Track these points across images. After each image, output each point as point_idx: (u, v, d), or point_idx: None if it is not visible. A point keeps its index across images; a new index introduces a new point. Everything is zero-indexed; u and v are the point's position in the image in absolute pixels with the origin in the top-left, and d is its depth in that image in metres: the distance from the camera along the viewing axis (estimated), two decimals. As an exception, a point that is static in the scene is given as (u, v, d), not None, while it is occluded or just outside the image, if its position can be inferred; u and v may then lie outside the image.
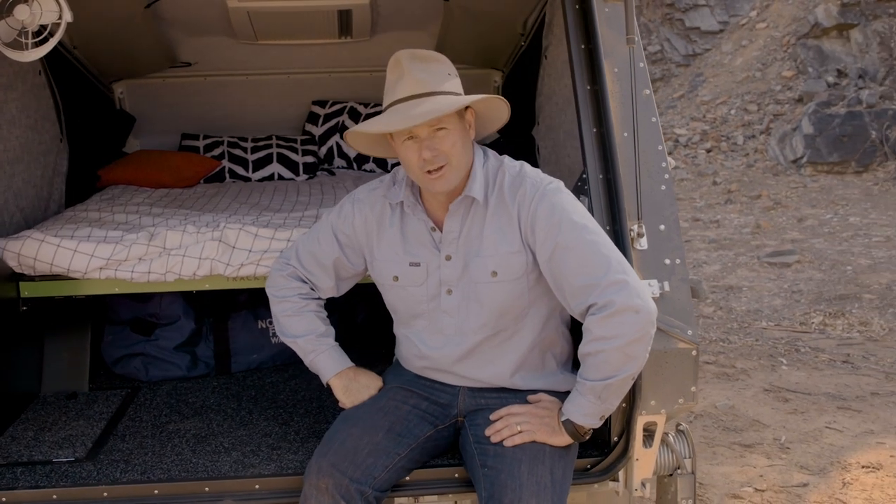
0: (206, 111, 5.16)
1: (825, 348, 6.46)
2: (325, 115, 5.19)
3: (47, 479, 2.67)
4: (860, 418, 5.00)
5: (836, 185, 12.63)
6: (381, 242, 2.69)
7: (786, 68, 15.18)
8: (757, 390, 5.49)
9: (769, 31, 16.21)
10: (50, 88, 3.88)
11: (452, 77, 2.53)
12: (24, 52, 3.06)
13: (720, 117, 15.06)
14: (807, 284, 8.45)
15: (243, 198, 4.07)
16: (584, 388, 2.45)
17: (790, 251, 9.61)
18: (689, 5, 17.22)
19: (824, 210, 11.62)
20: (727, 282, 8.71)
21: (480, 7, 4.12)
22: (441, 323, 2.63)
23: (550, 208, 2.48)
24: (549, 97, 3.65)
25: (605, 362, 2.39)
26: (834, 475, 4.29)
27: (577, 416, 2.48)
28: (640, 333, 2.37)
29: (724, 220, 11.49)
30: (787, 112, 14.39)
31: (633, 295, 2.36)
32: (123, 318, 3.67)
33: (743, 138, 14.40)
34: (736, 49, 16.49)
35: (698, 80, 16.27)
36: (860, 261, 9.10)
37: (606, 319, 2.35)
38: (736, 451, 4.60)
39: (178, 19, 4.41)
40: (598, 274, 2.39)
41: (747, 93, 15.24)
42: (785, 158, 13.41)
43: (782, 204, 12.04)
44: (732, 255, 9.77)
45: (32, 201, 3.62)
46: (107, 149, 4.79)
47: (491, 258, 2.53)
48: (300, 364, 3.72)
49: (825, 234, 10.44)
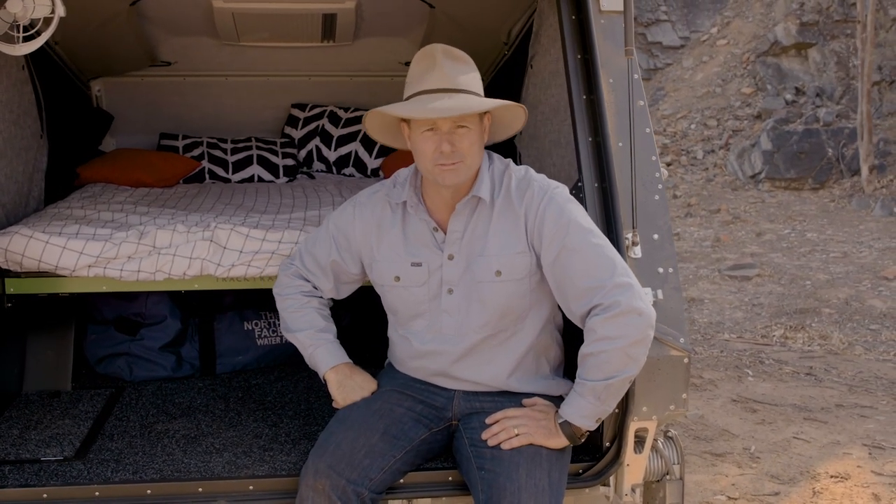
0: (184, 111, 5.12)
1: (788, 360, 6.58)
2: (304, 119, 5.17)
3: (37, 477, 2.63)
4: (826, 429, 5.10)
5: (793, 201, 12.86)
6: (382, 244, 2.70)
7: (745, 85, 15.44)
8: (725, 400, 5.57)
9: (729, 47, 16.48)
10: (32, 83, 3.83)
11: (479, 83, 2.60)
12: (15, 45, 3.02)
13: (680, 131, 15.27)
14: (767, 298, 8.59)
15: (226, 199, 4.05)
16: (583, 389, 2.48)
17: (750, 265, 9.77)
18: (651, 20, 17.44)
19: (782, 225, 11.82)
20: (689, 294, 8.83)
21: (465, 14, 4.14)
22: (441, 322, 2.65)
23: (559, 211, 2.53)
24: (534, 106, 3.68)
25: (606, 362, 2.42)
26: (804, 484, 4.37)
27: (576, 418, 2.51)
28: (643, 335, 2.42)
29: (685, 233, 11.64)
30: (746, 128, 14.64)
31: (637, 297, 2.42)
32: (107, 317, 3.63)
33: (703, 153, 14.61)
34: (697, 64, 16.74)
35: (659, 94, 16.48)
36: (818, 275, 9.28)
37: (611, 320, 2.40)
38: (707, 460, 4.66)
39: (161, 18, 4.38)
40: (603, 276, 2.44)
41: (707, 108, 15.47)
42: (744, 174, 13.63)
43: (741, 218, 12.23)
44: (693, 267, 9.91)
45: (13, 197, 3.57)
46: (83, 146, 4.73)
47: (496, 258, 2.56)
48: (285, 367, 3.75)
49: (783, 249, 10.62)
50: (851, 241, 10.75)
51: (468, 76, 2.55)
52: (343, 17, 4.35)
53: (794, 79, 14.68)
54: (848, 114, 13.66)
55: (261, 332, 3.69)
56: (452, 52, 2.57)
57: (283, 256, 3.12)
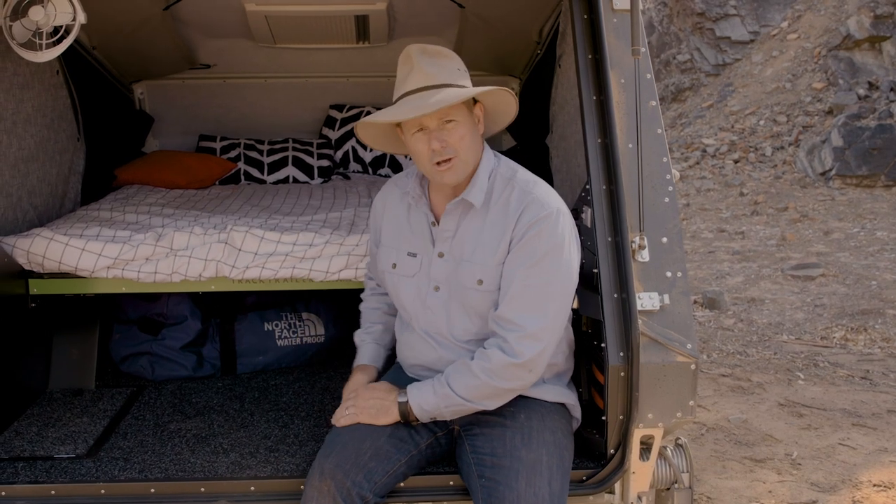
0: (223, 113, 5.21)
1: (844, 363, 6.39)
2: (342, 120, 5.21)
3: (47, 474, 2.70)
4: (875, 436, 4.94)
5: (864, 199, 12.48)
6: (389, 228, 2.76)
7: (816, 80, 15.03)
8: (771, 404, 5.44)
9: (800, 41, 16.07)
10: (67, 88, 3.93)
11: (462, 72, 2.59)
12: (38, 52, 3.10)
13: (749, 128, 14.94)
14: (830, 298, 8.35)
15: (255, 200, 4.10)
16: (442, 390, 2.53)
17: (815, 264, 9.51)
18: (720, 15, 17.10)
19: (851, 224, 11.48)
20: (749, 294, 8.63)
21: (495, 14, 4.12)
22: (427, 319, 2.66)
23: (540, 240, 2.51)
24: (562, 106, 3.65)
25: (477, 388, 2.50)
26: (844, 493, 4.24)
27: (415, 406, 2.56)
28: (520, 388, 2.55)
29: (750, 232, 11.39)
30: (817, 124, 14.25)
31: (540, 356, 2.49)
32: (131, 317, 3.70)
33: (771, 149, 14.27)
34: (766, 59, 16.36)
35: (727, 90, 16.16)
36: (885, 276, 8.99)
37: (507, 366, 2.46)
38: (746, 466, 4.55)
39: (196, 22, 4.45)
40: (528, 321, 2.47)
41: (777, 104, 15.11)
42: (813, 171, 13.28)
43: (809, 216, 11.92)
44: (756, 266, 9.68)
45: (47, 199, 3.66)
46: (125, 148, 4.84)
47: (479, 266, 2.55)
48: (305, 367, 3.78)
49: (851, 248, 10.32)
50: (922, 240, 10.40)
51: (447, 69, 2.54)
52: (375, 18, 4.36)
53: (867, 73, 14.25)
54: (923, 108, 13.21)
55: (281, 333, 3.72)
56: (428, 48, 2.56)
57: (298, 259, 3.15)
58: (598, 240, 2.73)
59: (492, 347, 2.49)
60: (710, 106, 16.21)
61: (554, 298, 2.49)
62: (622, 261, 2.67)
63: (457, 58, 2.60)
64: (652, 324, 2.62)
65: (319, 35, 4.63)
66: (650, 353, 2.58)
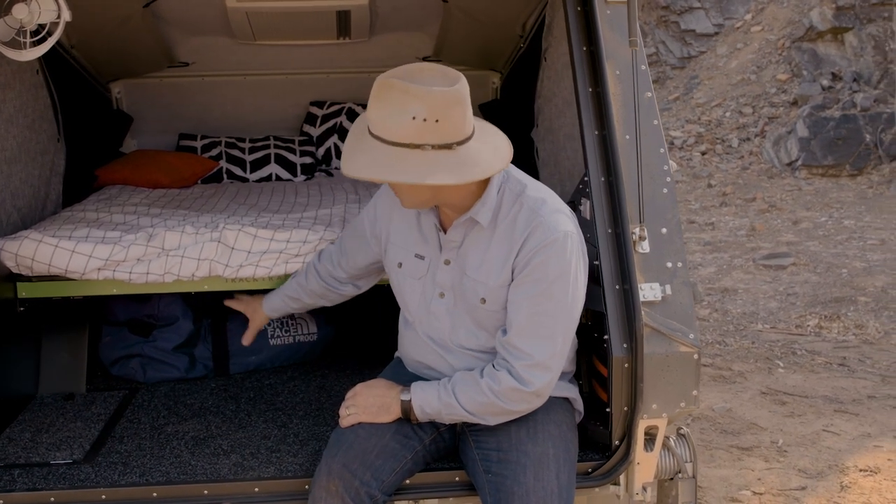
0: (203, 111, 5.14)
1: (821, 351, 6.46)
2: (322, 116, 5.17)
3: (45, 481, 2.65)
4: (857, 421, 5.00)
5: (830, 188, 12.64)
6: (399, 227, 2.70)
7: (780, 71, 15.19)
8: (754, 393, 5.49)
9: (764, 34, 16.22)
10: (47, 87, 3.86)
11: (461, 118, 2.29)
12: (22, 51, 3.04)
13: (715, 120, 15.06)
14: (802, 287, 8.44)
15: (241, 198, 4.06)
16: (447, 397, 2.49)
17: (785, 254, 9.61)
18: (685, 8, 17.22)
19: (819, 213, 11.62)
20: (722, 284, 8.70)
21: (479, 8, 4.10)
22: (431, 325, 2.63)
23: (548, 265, 2.42)
24: (548, 99, 3.64)
25: (483, 406, 2.47)
26: (832, 478, 4.29)
27: (417, 406, 2.53)
28: (525, 410, 2.51)
29: (719, 223, 11.48)
30: (782, 115, 14.40)
31: (547, 386, 2.46)
32: (121, 319, 3.65)
33: (738, 141, 14.40)
34: (731, 52, 16.50)
35: (693, 83, 16.28)
36: (855, 263, 9.10)
37: (516, 390, 2.43)
38: (734, 455, 4.59)
39: (176, 19, 4.39)
40: (536, 351, 2.42)
41: (742, 95, 15.24)
42: (780, 161, 13.43)
43: (777, 206, 12.04)
44: (728, 257, 9.76)
45: (30, 201, 3.60)
46: (104, 148, 4.77)
47: (482, 286, 2.51)
48: (298, 366, 3.75)
49: (820, 237, 10.44)
50: (889, 228, 10.54)
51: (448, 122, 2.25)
52: (357, 13, 4.33)
53: (830, 64, 14.42)
54: (886, 98, 13.40)
55: (273, 332, 3.69)
56: (438, 77, 2.27)
57: (291, 256, 3.12)
58: (598, 232, 2.73)
59: (501, 370, 2.45)
60: (676, 98, 16.32)
61: (562, 325, 2.45)
62: (623, 252, 2.66)
63: (465, 92, 2.29)
64: (654, 314, 2.62)
65: (300, 31, 4.58)
66: (653, 344, 2.59)
